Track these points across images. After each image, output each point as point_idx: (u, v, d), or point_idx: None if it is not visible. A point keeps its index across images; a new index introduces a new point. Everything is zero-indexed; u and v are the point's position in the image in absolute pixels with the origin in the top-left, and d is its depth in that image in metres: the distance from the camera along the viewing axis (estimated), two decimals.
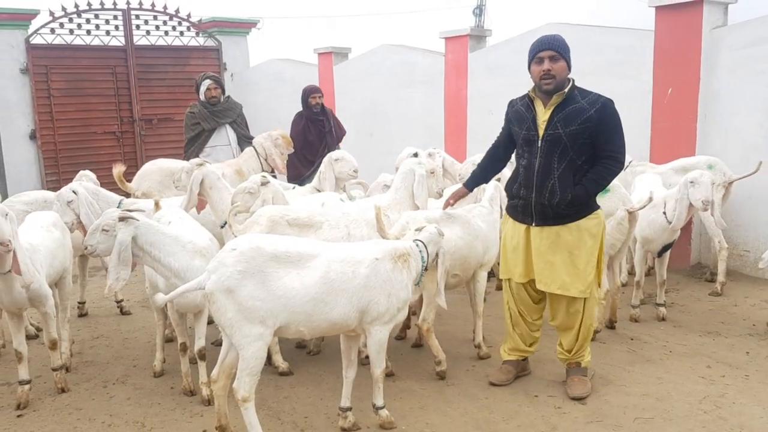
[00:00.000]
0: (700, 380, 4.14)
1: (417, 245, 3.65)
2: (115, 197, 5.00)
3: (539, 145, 3.76)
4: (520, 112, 3.89)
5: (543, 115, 3.76)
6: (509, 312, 4.20)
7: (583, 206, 3.79)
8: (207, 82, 6.95)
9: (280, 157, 6.40)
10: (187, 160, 6.79)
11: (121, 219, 3.60)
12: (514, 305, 4.15)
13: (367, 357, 3.69)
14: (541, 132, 3.75)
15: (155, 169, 6.61)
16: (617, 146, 3.76)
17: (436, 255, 3.73)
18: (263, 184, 4.58)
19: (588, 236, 3.81)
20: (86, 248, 3.71)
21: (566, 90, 3.72)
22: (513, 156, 4.22)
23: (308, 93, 7.19)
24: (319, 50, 10.83)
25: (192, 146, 6.99)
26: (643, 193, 5.23)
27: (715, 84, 6.37)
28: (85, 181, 5.41)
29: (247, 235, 3.58)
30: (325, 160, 5.57)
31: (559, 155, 3.72)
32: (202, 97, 6.96)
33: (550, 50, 3.69)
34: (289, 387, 4.21)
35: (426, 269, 3.68)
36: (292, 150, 6.63)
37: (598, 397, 3.95)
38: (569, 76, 3.78)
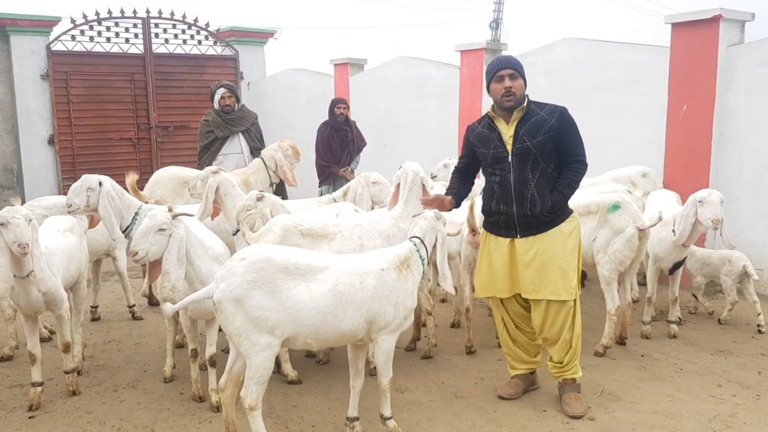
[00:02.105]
0: (711, 399, 4.11)
1: (414, 244, 3.65)
2: (136, 202, 5.05)
3: (510, 160, 3.89)
4: (482, 134, 4.01)
5: (507, 131, 3.90)
6: (506, 328, 4.21)
7: (561, 211, 3.94)
8: (221, 91, 7.02)
9: (290, 169, 6.41)
10: (201, 167, 6.86)
11: (174, 217, 3.66)
12: (509, 319, 4.18)
13: (374, 368, 3.70)
14: (509, 147, 3.88)
15: (168, 176, 6.67)
16: (579, 149, 3.94)
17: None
18: (259, 199, 4.61)
19: (569, 239, 3.95)
20: (135, 254, 3.59)
21: (525, 105, 3.87)
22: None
23: (334, 103, 7.76)
24: (336, 61, 10.90)
25: (205, 154, 7.05)
26: (656, 210, 5.24)
27: (731, 102, 6.35)
28: None
29: (256, 246, 3.59)
30: (361, 180, 5.50)
31: (532, 166, 3.87)
32: (216, 105, 7.03)
33: (510, 69, 3.86)
34: (298, 395, 4.23)
35: (428, 264, 3.69)
36: (299, 160, 6.68)
37: (607, 413, 3.93)
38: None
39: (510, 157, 3.88)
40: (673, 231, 4.95)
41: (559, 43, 7.84)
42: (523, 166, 3.87)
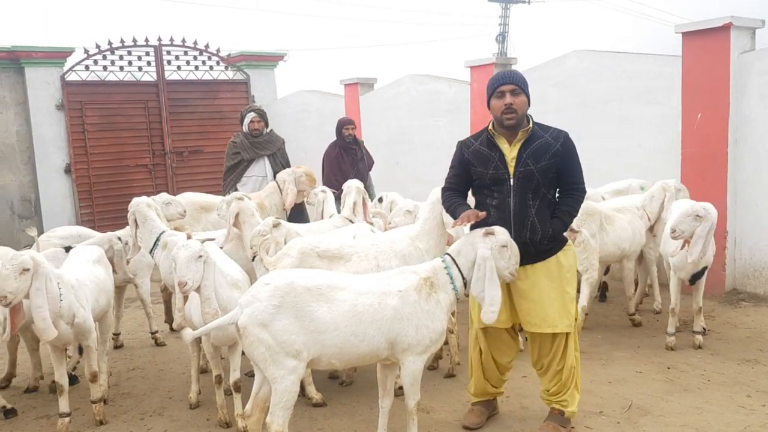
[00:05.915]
0: (740, 410, 4.07)
1: (443, 261, 3.57)
2: (160, 227, 5.08)
3: (511, 183, 3.64)
4: (481, 152, 3.71)
5: (510, 152, 3.65)
6: (480, 357, 3.99)
7: (559, 240, 3.75)
8: (251, 115, 7.13)
9: (293, 194, 6.34)
10: (225, 188, 6.95)
11: (202, 242, 3.72)
12: (488, 350, 3.95)
13: (401, 388, 3.68)
14: (511, 170, 3.63)
15: (184, 202, 6.70)
16: (580, 176, 3.77)
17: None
18: (275, 225, 4.63)
19: (566, 269, 3.75)
20: (185, 284, 3.59)
21: (530, 126, 3.65)
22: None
23: (342, 124, 7.67)
24: (346, 81, 10.98)
25: (230, 175, 7.11)
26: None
27: (746, 109, 6.33)
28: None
29: (280, 270, 3.60)
30: (358, 191, 5.60)
31: (533, 192, 3.64)
32: (245, 128, 7.13)
33: (512, 84, 3.61)
34: (323, 418, 4.22)
35: (465, 285, 3.53)
36: (314, 188, 6.66)
37: (636, 428, 3.89)
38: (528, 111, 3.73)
39: (511, 180, 3.63)
40: None
41: (569, 56, 7.85)
42: (525, 190, 3.63)
